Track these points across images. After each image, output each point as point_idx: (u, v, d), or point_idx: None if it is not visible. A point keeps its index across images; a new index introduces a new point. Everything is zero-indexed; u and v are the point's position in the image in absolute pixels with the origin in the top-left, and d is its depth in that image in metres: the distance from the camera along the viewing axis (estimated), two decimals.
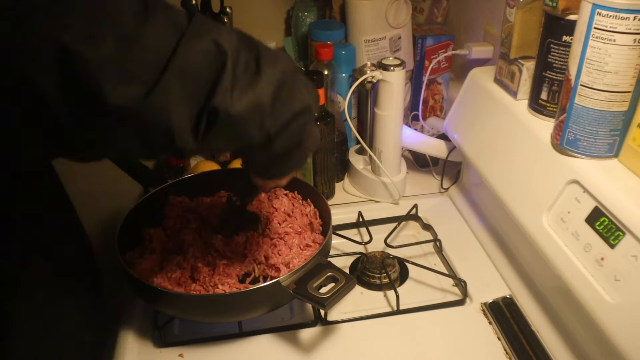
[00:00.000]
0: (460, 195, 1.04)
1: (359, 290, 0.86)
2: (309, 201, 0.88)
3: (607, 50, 0.60)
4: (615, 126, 0.64)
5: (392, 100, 0.95)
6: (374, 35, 1.10)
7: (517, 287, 0.83)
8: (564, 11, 0.69)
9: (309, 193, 0.88)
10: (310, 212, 0.86)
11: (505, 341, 0.75)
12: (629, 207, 0.60)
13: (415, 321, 0.79)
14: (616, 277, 0.59)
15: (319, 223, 0.86)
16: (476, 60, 1.05)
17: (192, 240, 0.81)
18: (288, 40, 1.19)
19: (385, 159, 1.01)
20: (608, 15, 0.59)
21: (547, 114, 0.76)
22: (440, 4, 1.18)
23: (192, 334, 0.78)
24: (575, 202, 0.67)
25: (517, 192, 0.77)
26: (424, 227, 1.00)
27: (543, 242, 0.71)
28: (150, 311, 0.80)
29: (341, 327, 0.78)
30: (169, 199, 0.88)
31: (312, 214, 0.86)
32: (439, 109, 1.21)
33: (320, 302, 0.66)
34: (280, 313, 0.80)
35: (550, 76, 0.74)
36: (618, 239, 0.60)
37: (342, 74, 1.07)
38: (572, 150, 0.68)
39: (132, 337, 0.77)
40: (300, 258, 0.79)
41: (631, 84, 0.62)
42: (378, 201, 1.04)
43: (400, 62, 0.93)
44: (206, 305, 0.71)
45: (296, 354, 0.74)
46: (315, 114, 0.56)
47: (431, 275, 0.86)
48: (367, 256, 0.89)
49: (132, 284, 0.73)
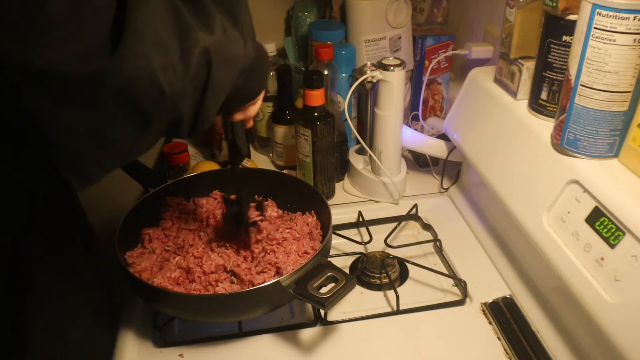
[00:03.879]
0: (460, 195, 1.04)
1: (359, 290, 0.86)
2: (313, 212, 0.87)
3: (607, 50, 0.60)
4: (615, 126, 0.64)
5: (392, 100, 0.95)
6: (374, 35, 1.10)
7: (517, 287, 0.83)
8: (564, 11, 0.69)
9: (309, 194, 0.88)
10: (312, 222, 0.86)
11: (505, 341, 0.75)
12: (629, 207, 0.60)
13: (415, 321, 0.79)
14: (616, 277, 0.59)
15: (319, 233, 0.85)
16: (476, 60, 1.05)
17: (191, 240, 0.81)
18: (288, 40, 1.19)
19: (385, 159, 1.01)
20: (608, 15, 0.59)
21: (547, 114, 0.76)
22: (440, 4, 1.18)
23: (192, 334, 0.78)
24: (575, 202, 0.67)
25: (517, 192, 0.77)
26: (424, 227, 1.00)
27: (543, 242, 0.71)
28: (150, 311, 0.80)
29: (341, 327, 0.78)
30: (166, 200, 0.88)
31: (314, 224, 0.86)
32: (439, 109, 1.21)
33: (320, 302, 0.66)
34: (280, 313, 0.80)
35: (550, 76, 0.74)
36: (618, 239, 0.60)
37: (342, 74, 1.07)
38: (572, 150, 0.68)
39: (132, 337, 0.77)
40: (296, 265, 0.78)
41: (631, 84, 0.62)
42: (378, 201, 1.04)
43: (400, 62, 0.93)
44: (206, 305, 0.71)
45: (296, 354, 0.74)
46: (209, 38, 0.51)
47: (431, 275, 0.86)
48: (367, 256, 0.89)
49: (132, 284, 0.73)
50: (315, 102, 0.94)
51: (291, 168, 1.10)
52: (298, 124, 0.98)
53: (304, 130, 0.96)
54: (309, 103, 0.95)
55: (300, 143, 0.99)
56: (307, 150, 0.98)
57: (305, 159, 1.00)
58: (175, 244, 0.81)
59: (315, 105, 0.95)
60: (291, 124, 1.06)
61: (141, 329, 0.78)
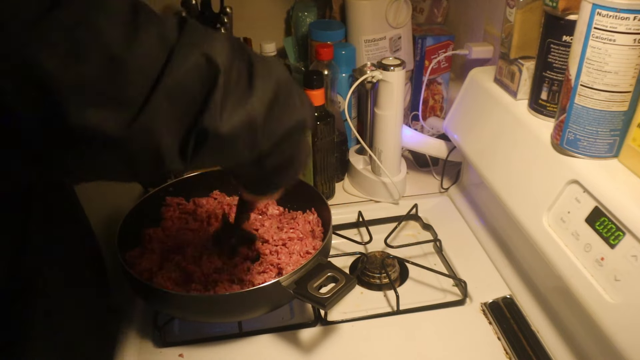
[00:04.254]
0: (460, 195, 1.04)
1: (359, 290, 0.86)
2: (313, 210, 0.87)
3: (607, 50, 0.60)
4: (615, 126, 0.64)
5: (392, 100, 0.95)
6: (374, 35, 1.10)
7: (517, 287, 0.83)
8: (564, 11, 0.69)
9: (309, 194, 0.88)
10: (313, 220, 0.86)
11: (505, 341, 0.75)
12: (629, 207, 0.60)
13: (415, 321, 0.79)
14: (616, 277, 0.59)
15: (320, 230, 0.85)
16: (476, 60, 1.05)
17: (191, 240, 0.81)
18: (288, 40, 1.19)
19: (385, 159, 1.01)
20: (608, 15, 0.59)
21: (547, 114, 0.76)
22: (440, 4, 1.18)
23: (192, 334, 0.78)
24: (575, 202, 0.67)
25: (517, 192, 0.77)
26: (424, 227, 1.00)
27: (543, 242, 0.71)
28: (150, 311, 0.80)
29: (341, 327, 0.78)
30: (166, 200, 0.88)
31: (315, 222, 0.86)
32: (439, 109, 1.21)
33: (320, 302, 0.66)
34: (280, 313, 0.80)
35: (550, 76, 0.74)
36: (618, 239, 0.60)
37: (342, 74, 1.07)
38: (572, 150, 0.68)
39: (132, 337, 0.77)
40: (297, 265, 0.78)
41: (631, 84, 0.62)
42: (378, 201, 1.04)
43: (400, 62, 0.93)
44: (206, 305, 0.71)
45: (296, 354, 0.74)
46: (309, 129, 0.52)
47: (431, 275, 0.86)
48: (367, 256, 0.89)
49: (132, 284, 0.73)
50: (315, 102, 0.94)
51: None
52: None
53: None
54: None
55: None
56: None
57: None
58: (175, 244, 0.81)
59: (315, 105, 0.95)
60: None
61: (141, 329, 0.78)
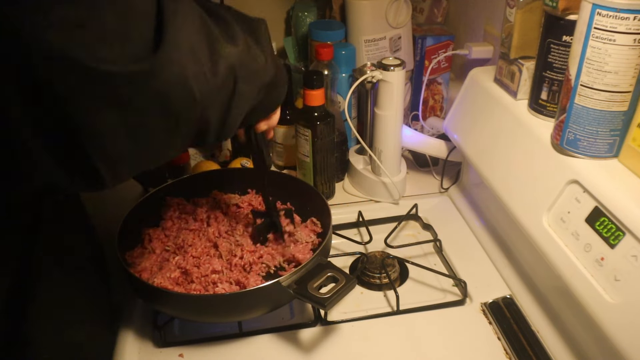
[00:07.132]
0: (460, 195, 1.04)
1: (359, 290, 0.86)
2: (316, 220, 0.88)
3: (607, 50, 0.60)
4: (615, 126, 0.64)
5: (392, 100, 0.95)
6: (374, 35, 1.10)
7: (517, 287, 0.83)
8: (564, 11, 0.69)
9: (309, 194, 0.88)
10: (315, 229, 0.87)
11: (505, 341, 0.75)
12: (629, 207, 0.60)
13: (415, 321, 0.79)
14: (616, 277, 0.59)
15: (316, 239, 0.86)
16: (476, 60, 1.05)
17: (191, 240, 0.81)
18: (288, 40, 1.19)
19: (385, 159, 1.01)
20: (608, 15, 0.59)
21: (547, 114, 0.76)
22: (440, 4, 1.18)
23: (192, 334, 0.78)
24: (575, 202, 0.67)
25: (517, 192, 0.77)
26: (424, 227, 1.00)
27: (543, 242, 0.71)
28: (150, 311, 0.80)
29: (341, 327, 0.78)
30: (166, 200, 0.88)
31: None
32: (439, 109, 1.21)
33: (320, 302, 0.66)
34: (280, 313, 0.80)
35: (550, 76, 0.74)
36: (618, 239, 0.60)
37: (342, 74, 1.07)
38: (572, 150, 0.69)
39: (132, 337, 0.77)
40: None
41: (631, 84, 0.62)
42: (378, 201, 1.04)
43: (400, 62, 0.93)
44: (206, 305, 0.71)
45: (296, 354, 0.74)
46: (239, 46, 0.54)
47: (431, 275, 0.86)
48: (367, 256, 0.89)
49: (132, 284, 0.73)
50: (315, 102, 0.94)
51: (291, 168, 1.10)
52: (298, 124, 0.98)
53: (304, 130, 0.96)
54: (309, 103, 0.95)
55: (300, 143, 0.99)
56: (307, 150, 0.98)
57: (305, 159, 1.00)
58: (175, 244, 0.81)
59: (315, 105, 0.95)
60: (291, 124, 1.06)
61: (141, 329, 0.78)
